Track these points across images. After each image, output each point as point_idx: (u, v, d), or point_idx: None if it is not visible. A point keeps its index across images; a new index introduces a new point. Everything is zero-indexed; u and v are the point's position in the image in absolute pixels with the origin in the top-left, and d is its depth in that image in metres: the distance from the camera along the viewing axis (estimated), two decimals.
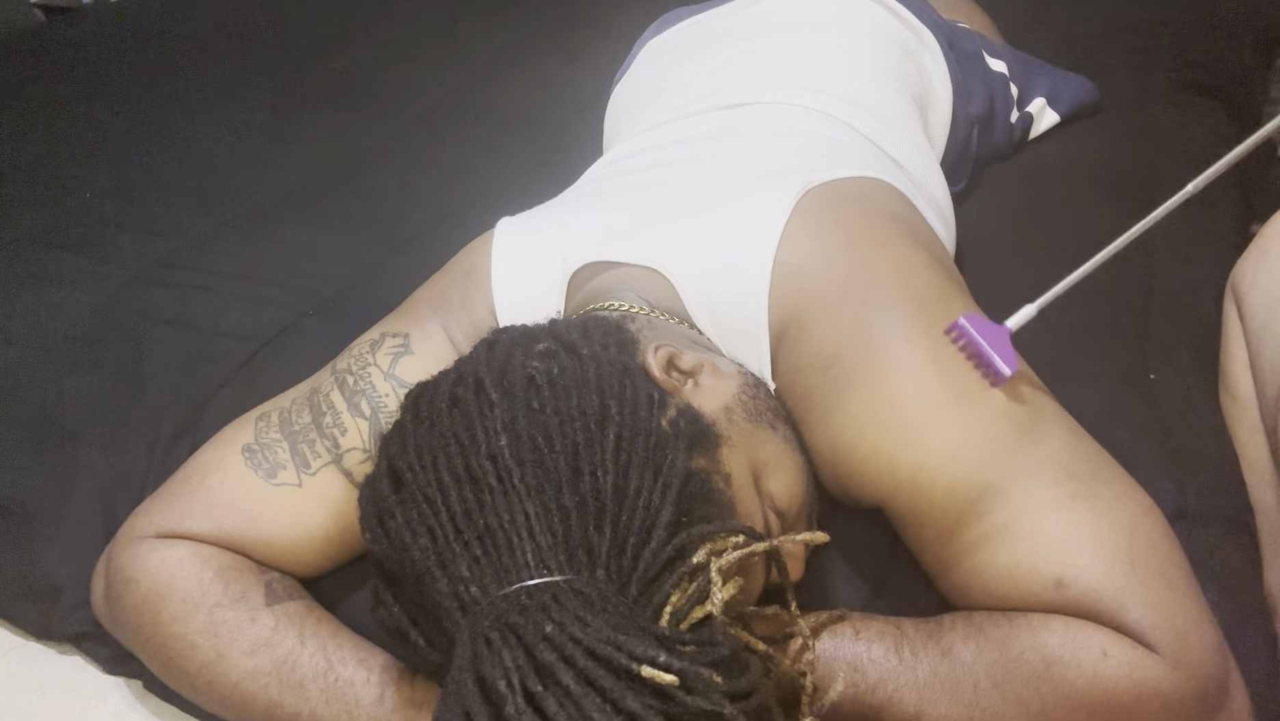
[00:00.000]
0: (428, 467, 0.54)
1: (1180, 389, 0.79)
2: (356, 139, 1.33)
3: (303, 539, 0.68)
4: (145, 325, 0.94)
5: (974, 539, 0.59)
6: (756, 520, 0.59)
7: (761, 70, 0.97)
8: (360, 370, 0.71)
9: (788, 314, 0.66)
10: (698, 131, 0.90)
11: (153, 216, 1.14)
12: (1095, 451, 0.61)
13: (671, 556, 0.52)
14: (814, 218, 0.69)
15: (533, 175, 1.21)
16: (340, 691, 0.61)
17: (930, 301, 0.65)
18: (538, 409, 0.54)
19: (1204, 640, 0.55)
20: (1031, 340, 0.68)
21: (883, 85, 0.97)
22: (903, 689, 0.56)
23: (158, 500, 0.70)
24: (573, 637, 0.46)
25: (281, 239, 1.09)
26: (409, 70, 1.53)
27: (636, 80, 1.12)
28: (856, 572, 0.68)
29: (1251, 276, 0.76)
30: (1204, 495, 0.70)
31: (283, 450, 0.69)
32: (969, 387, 0.61)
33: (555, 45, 1.58)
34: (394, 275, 0.95)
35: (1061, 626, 0.55)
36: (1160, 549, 0.57)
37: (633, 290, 0.71)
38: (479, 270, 0.77)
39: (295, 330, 0.93)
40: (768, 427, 0.63)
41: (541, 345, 0.59)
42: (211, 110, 1.42)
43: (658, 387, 0.58)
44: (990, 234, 0.99)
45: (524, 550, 0.50)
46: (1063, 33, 1.43)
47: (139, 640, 0.66)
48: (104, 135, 1.35)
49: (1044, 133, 1.20)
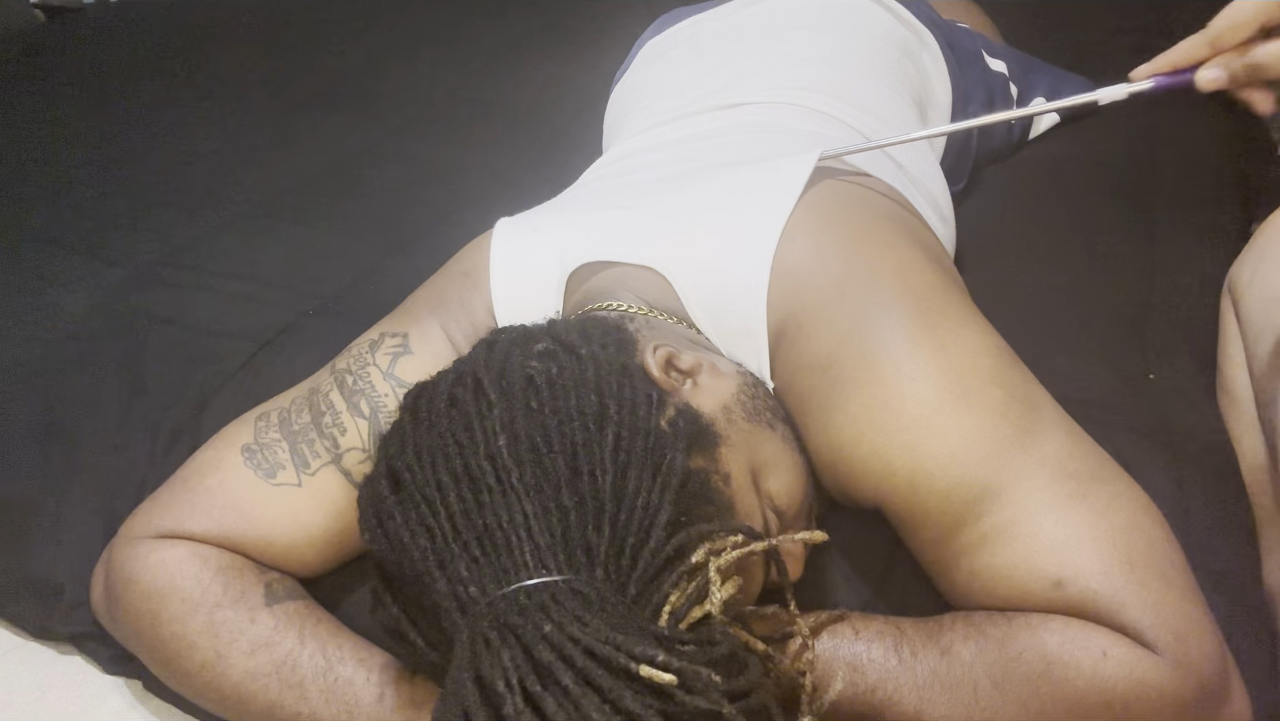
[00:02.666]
0: (426, 468, 0.54)
1: (1180, 389, 0.79)
2: (356, 139, 1.33)
3: (302, 539, 0.68)
4: (145, 325, 0.94)
5: (973, 540, 0.59)
6: (755, 520, 0.59)
7: (760, 70, 0.97)
8: (359, 370, 0.71)
9: (786, 313, 0.66)
10: (697, 131, 0.90)
11: (153, 216, 1.14)
12: (1094, 451, 0.61)
13: (670, 556, 0.52)
14: (813, 217, 0.69)
15: (532, 175, 1.21)
16: (340, 691, 0.62)
17: (929, 302, 0.65)
18: (536, 409, 0.54)
19: (1203, 640, 0.55)
20: (1031, 340, 0.69)
21: (882, 85, 0.97)
22: (902, 689, 0.56)
23: (157, 500, 0.70)
24: (571, 637, 0.46)
25: (281, 239, 1.09)
26: (409, 70, 1.53)
27: (636, 80, 1.12)
28: (856, 572, 0.68)
29: (1248, 277, 0.76)
30: (1204, 495, 0.70)
31: (282, 450, 0.69)
32: (967, 389, 0.61)
33: (555, 45, 1.59)
34: (394, 275, 0.95)
35: (1061, 626, 0.55)
36: (1159, 548, 0.57)
37: (631, 290, 0.71)
38: (477, 270, 0.77)
39: (295, 330, 0.93)
40: (766, 427, 0.63)
41: (540, 345, 0.59)
42: (211, 110, 1.42)
43: (656, 387, 0.58)
44: (990, 234, 0.99)
45: (523, 550, 0.50)
46: (1063, 33, 1.43)
47: (139, 640, 0.66)
48: (104, 135, 1.35)
49: (1044, 133, 1.20)
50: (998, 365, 0.63)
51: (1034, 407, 0.62)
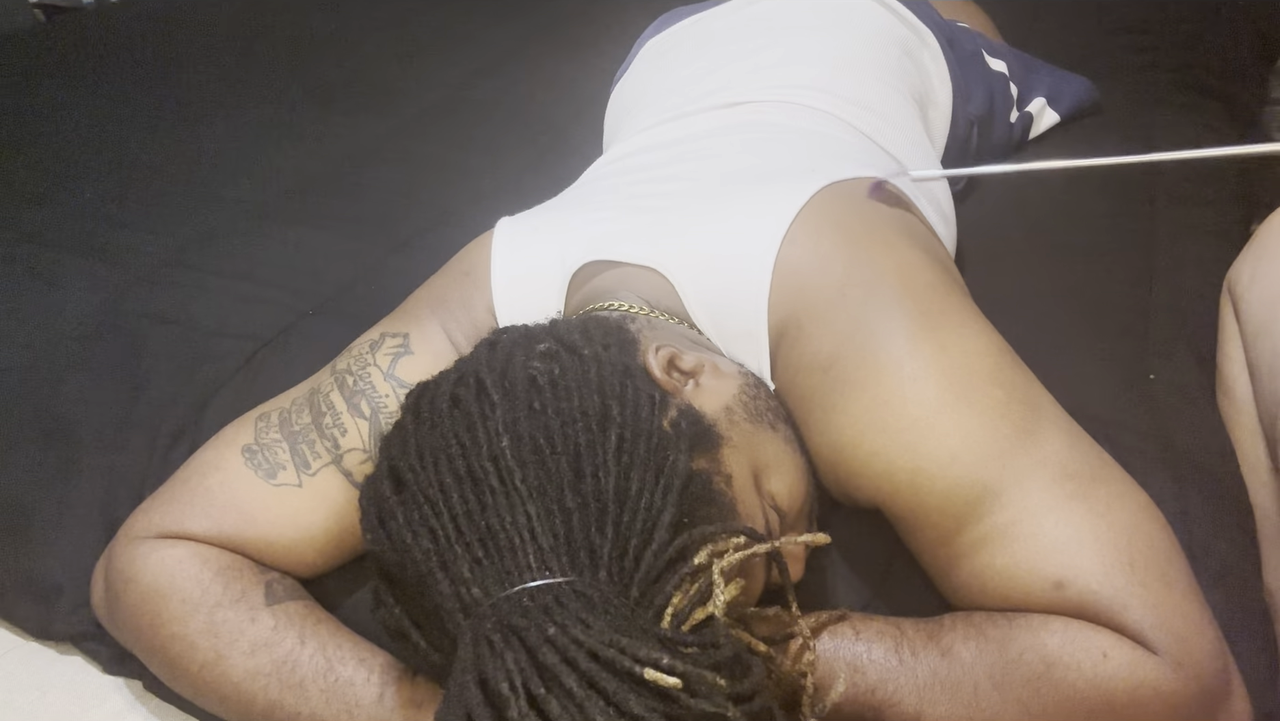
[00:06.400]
0: (429, 468, 0.54)
1: (1180, 389, 0.79)
2: (356, 139, 1.33)
3: (303, 539, 0.68)
4: (145, 325, 0.94)
5: (973, 540, 0.59)
6: (757, 521, 0.59)
7: (761, 69, 0.97)
8: (360, 370, 0.71)
9: (787, 314, 0.66)
10: (697, 131, 0.90)
11: (153, 216, 1.14)
12: (1094, 451, 0.61)
13: (673, 557, 0.52)
14: (814, 218, 0.69)
15: (532, 175, 1.21)
16: (340, 691, 0.61)
17: (930, 303, 0.65)
18: (539, 410, 0.54)
19: (1204, 641, 0.55)
20: (1031, 340, 0.69)
21: (882, 84, 0.97)
22: (902, 689, 0.56)
23: (157, 500, 0.70)
24: (575, 639, 0.46)
25: (281, 239, 1.09)
26: (409, 70, 1.53)
27: (636, 80, 1.12)
28: (856, 573, 0.68)
29: (1248, 277, 0.76)
30: (1204, 495, 0.70)
31: (283, 450, 0.69)
32: (968, 389, 0.61)
33: (555, 45, 1.59)
34: (394, 275, 0.95)
35: (1061, 627, 0.55)
36: (1160, 549, 0.57)
37: (632, 290, 0.71)
38: (478, 270, 0.76)
39: (295, 330, 0.93)
40: (768, 428, 0.63)
41: (543, 345, 0.59)
42: (211, 110, 1.42)
43: (659, 388, 0.58)
44: (990, 234, 0.99)
45: (526, 551, 0.50)
46: (1063, 33, 1.43)
47: (139, 640, 0.66)
48: (104, 135, 1.35)
49: (1044, 133, 1.20)
50: (999, 365, 0.63)
51: (1035, 408, 0.62)
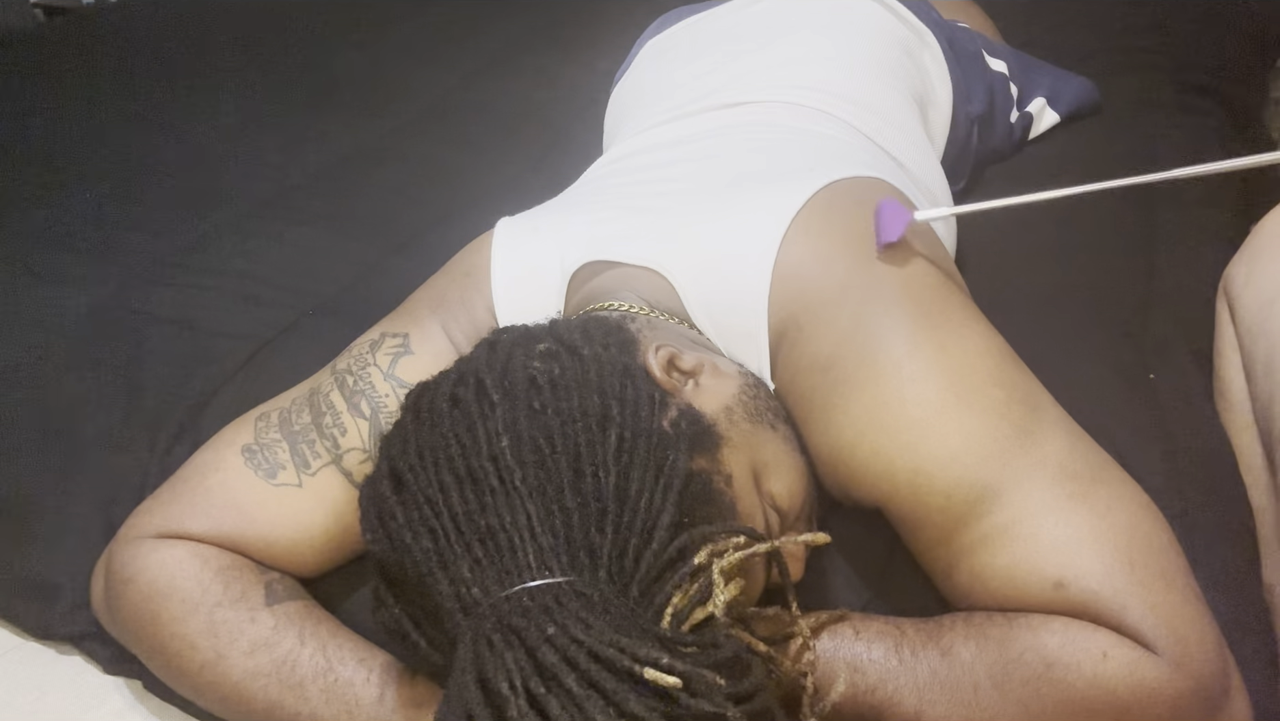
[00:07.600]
0: (429, 468, 0.54)
1: (1180, 389, 0.79)
2: (356, 139, 1.33)
3: (302, 539, 0.68)
4: (145, 325, 0.94)
5: (973, 540, 0.59)
6: (757, 520, 0.59)
7: (761, 69, 0.97)
8: (360, 370, 0.71)
9: (787, 315, 0.66)
10: (697, 131, 0.90)
11: (153, 216, 1.14)
12: (1094, 452, 0.61)
13: (673, 557, 0.52)
14: (815, 219, 0.69)
15: (532, 175, 1.21)
16: (340, 691, 0.61)
17: (930, 303, 0.65)
18: (539, 409, 0.54)
19: (1204, 641, 0.55)
20: (1031, 340, 0.69)
21: (883, 84, 0.97)
22: (902, 689, 0.56)
23: (158, 500, 0.70)
24: (575, 639, 0.46)
25: (281, 239, 1.09)
26: (409, 70, 1.53)
27: (636, 80, 1.12)
28: (856, 573, 0.68)
29: (1243, 278, 0.76)
30: (1204, 495, 0.70)
31: (282, 450, 0.69)
32: (968, 390, 0.61)
33: (555, 45, 1.59)
34: (394, 275, 0.95)
35: (1061, 627, 0.55)
36: (1160, 549, 0.57)
37: (632, 290, 0.71)
38: (478, 270, 0.76)
39: (295, 330, 0.93)
40: (768, 428, 0.63)
41: (542, 345, 0.59)
42: (211, 110, 1.42)
43: (659, 388, 0.58)
44: (990, 234, 0.99)
45: (526, 551, 0.50)
46: (1063, 33, 1.43)
47: (138, 640, 0.66)
48: (104, 135, 1.35)
49: (1044, 133, 1.20)
50: (999, 366, 0.63)
51: (1035, 408, 0.62)
